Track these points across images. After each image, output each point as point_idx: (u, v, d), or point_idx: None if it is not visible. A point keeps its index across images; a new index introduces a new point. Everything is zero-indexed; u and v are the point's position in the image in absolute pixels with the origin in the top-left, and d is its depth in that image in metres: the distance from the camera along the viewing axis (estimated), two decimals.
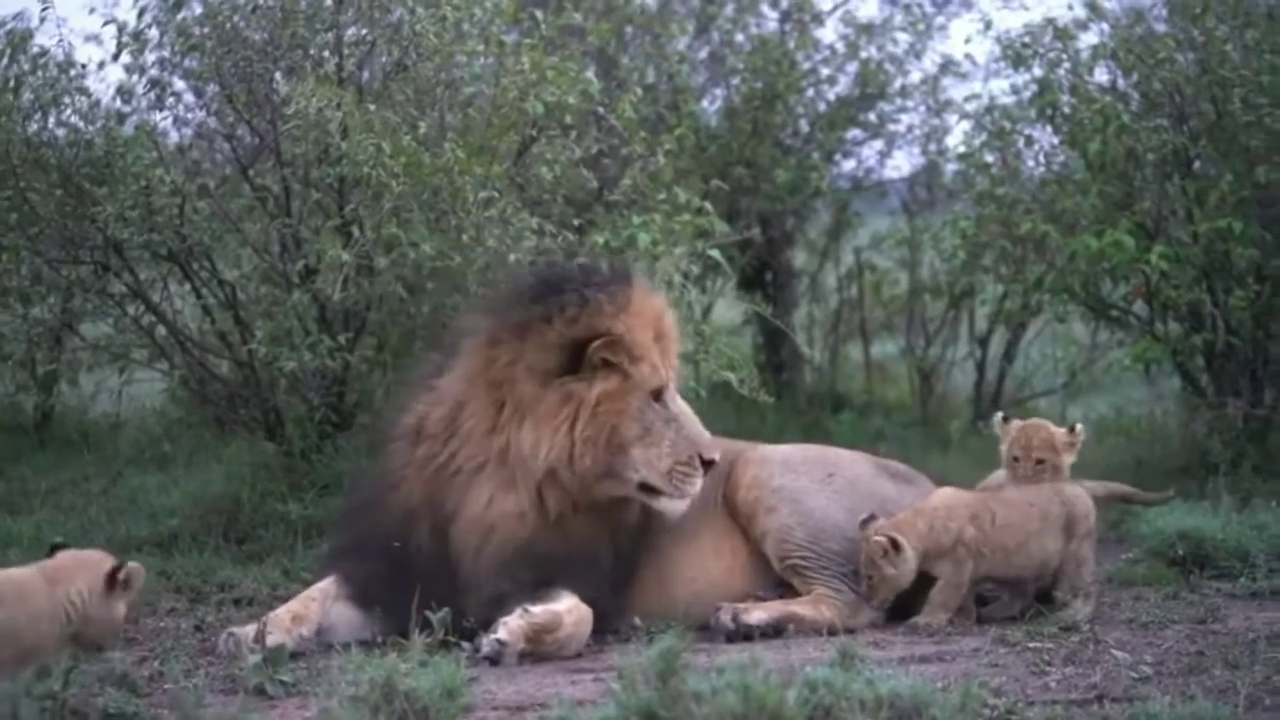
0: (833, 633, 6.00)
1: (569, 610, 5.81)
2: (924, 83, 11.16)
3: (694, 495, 6.02)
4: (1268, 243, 8.14)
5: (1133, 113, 8.36)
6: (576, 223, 8.08)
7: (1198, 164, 8.40)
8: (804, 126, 11.09)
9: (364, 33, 7.57)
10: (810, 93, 11.05)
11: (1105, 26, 8.67)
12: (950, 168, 11.03)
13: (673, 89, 10.45)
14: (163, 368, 7.98)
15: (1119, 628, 6.06)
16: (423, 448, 6.05)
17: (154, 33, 7.67)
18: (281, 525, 7.40)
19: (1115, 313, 8.89)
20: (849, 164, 11.52)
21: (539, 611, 5.74)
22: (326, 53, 7.54)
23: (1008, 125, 9.00)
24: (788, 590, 6.27)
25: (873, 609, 6.17)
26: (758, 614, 6.07)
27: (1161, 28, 8.55)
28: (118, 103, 7.79)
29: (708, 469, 6.02)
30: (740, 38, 11.03)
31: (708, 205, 8.17)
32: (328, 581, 6.05)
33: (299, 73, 7.42)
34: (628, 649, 5.65)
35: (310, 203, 7.59)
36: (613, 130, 8.28)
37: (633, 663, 4.66)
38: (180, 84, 7.89)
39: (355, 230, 7.31)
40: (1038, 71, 8.74)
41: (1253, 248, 8.09)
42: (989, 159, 9.22)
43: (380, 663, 4.83)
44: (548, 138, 7.83)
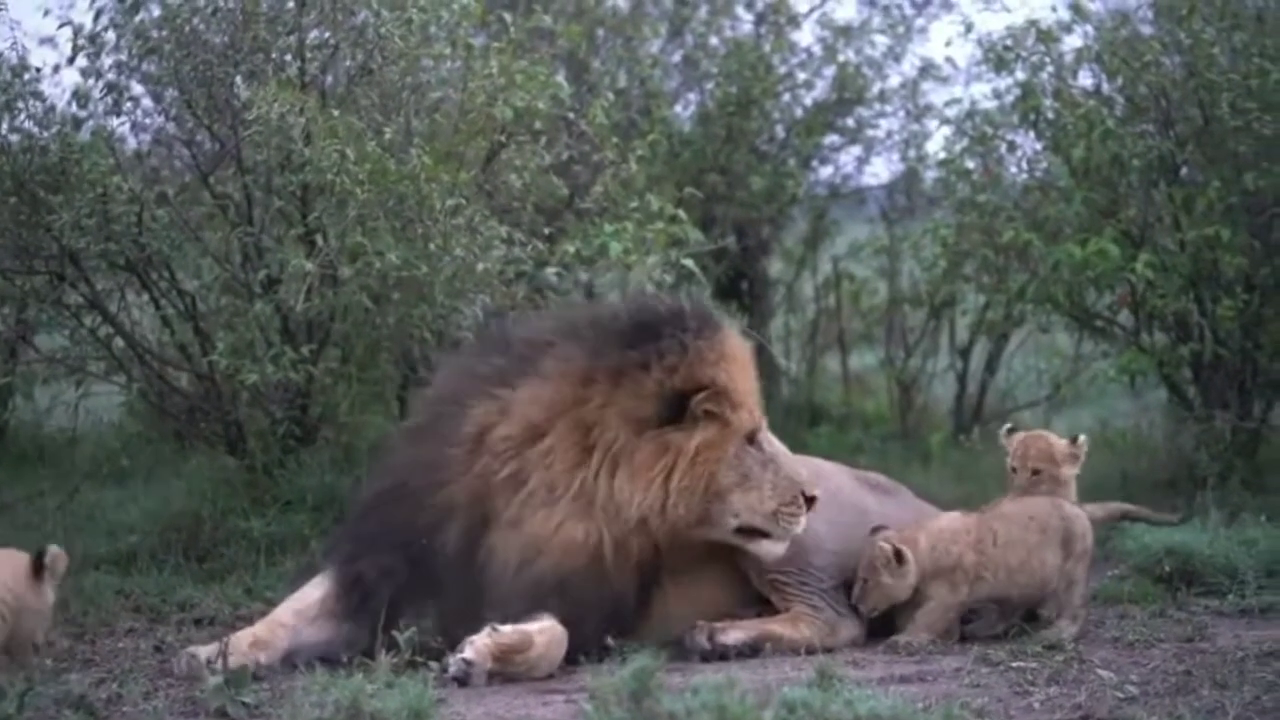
0: (811, 652, 5.97)
1: (540, 630, 5.72)
2: (903, 87, 11.14)
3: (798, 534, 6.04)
4: (1256, 251, 8.16)
5: (1118, 118, 8.36)
6: (547, 231, 8.12)
7: (1184, 170, 8.41)
8: (780, 132, 11.06)
9: (327, 36, 7.56)
10: (786, 97, 11.04)
11: (1089, 29, 8.67)
12: (930, 174, 10.95)
13: (645, 93, 10.44)
14: (120, 380, 7.93)
15: (1104, 646, 6.03)
16: (481, 462, 5.97)
17: (111, 35, 7.62)
18: (243, 542, 7.35)
19: (1100, 323, 8.87)
20: (826, 170, 11.52)
21: (508, 631, 5.65)
22: (289, 56, 7.52)
23: (989, 130, 8.98)
24: (765, 607, 6.20)
25: (856, 623, 6.15)
26: (734, 633, 6.03)
27: (1147, 30, 8.57)
28: (73, 107, 7.72)
29: (810, 505, 6.04)
30: (714, 41, 11.03)
31: (681, 213, 8.25)
32: (313, 597, 5.93)
33: (260, 77, 7.39)
34: (600, 669, 5.55)
35: (272, 211, 7.56)
36: (584, 136, 8.34)
37: (606, 683, 4.66)
38: (138, 88, 7.81)
39: (319, 239, 7.29)
40: (1020, 75, 8.75)
41: (1241, 256, 8.09)
42: (970, 165, 9.19)
43: (346, 683, 4.84)
44: (517, 144, 7.87)
